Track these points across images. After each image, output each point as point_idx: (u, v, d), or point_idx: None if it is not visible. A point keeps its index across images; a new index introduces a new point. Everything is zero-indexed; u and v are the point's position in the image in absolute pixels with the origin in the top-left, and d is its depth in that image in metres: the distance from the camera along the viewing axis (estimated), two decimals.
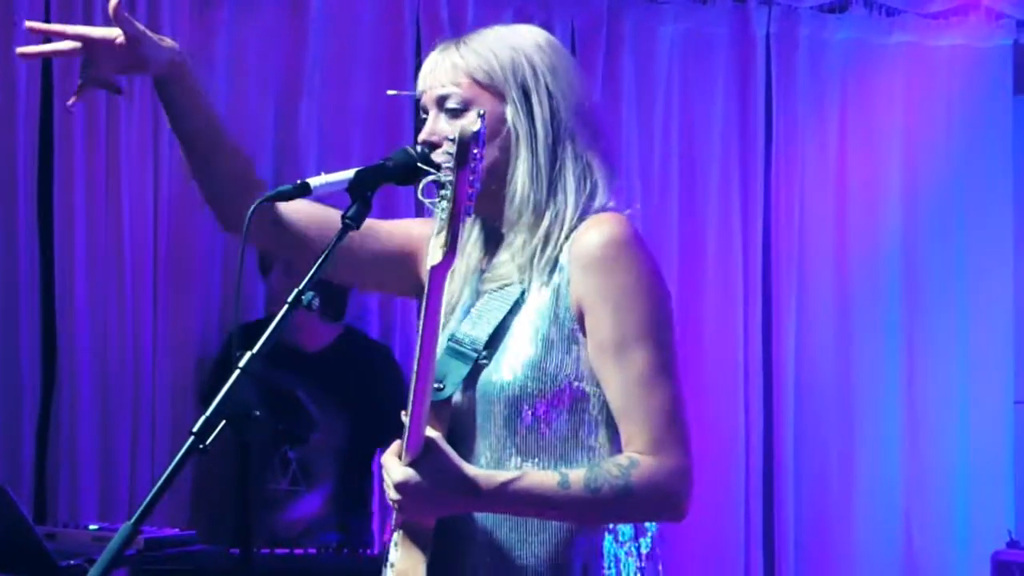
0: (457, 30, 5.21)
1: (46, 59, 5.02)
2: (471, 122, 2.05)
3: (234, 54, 5.25)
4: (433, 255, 2.04)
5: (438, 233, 2.03)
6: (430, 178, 2.14)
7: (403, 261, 2.46)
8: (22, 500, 4.87)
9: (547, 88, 2.31)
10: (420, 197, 2.17)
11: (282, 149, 5.25)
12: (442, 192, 2.05)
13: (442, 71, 2.33)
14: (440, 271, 2.04)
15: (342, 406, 4.80)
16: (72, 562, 3.87)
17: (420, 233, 2.44)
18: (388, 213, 2.26)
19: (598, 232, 2.22)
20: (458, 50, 2.33)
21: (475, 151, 2.02)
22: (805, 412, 5.75)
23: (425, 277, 2.07)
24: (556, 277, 2.25)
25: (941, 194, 5.90)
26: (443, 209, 2.03)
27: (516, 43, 2.34)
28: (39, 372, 5.08)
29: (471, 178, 2.03)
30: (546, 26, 5.45)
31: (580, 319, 2.23)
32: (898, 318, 5.86)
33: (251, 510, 2.19)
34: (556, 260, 2.25)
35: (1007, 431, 5.93)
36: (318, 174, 2.27)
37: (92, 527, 4.19)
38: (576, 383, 2.23)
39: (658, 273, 2.25)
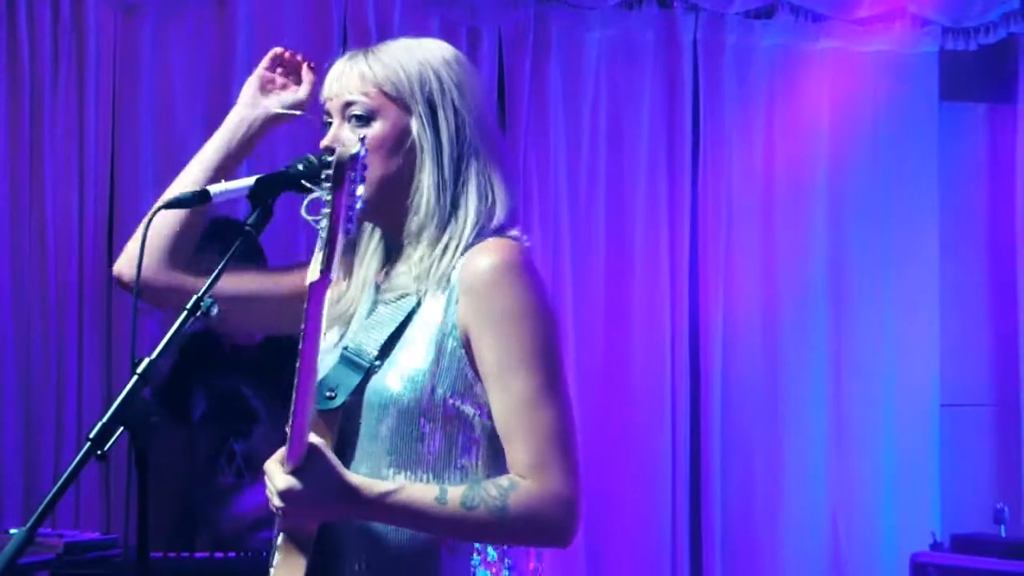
0: (384, 36, 5.20)
1: None
2: (351, 144, 2.09)
3: (159, 61, 5.23)
4: (312, 272, 2.07)
5: (319, 251, 2.06)
6: (314, 195, 2.15)
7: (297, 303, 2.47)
8: None
9: (453, 103, 2.34)
10: (303, 214, 2.18)
11: None
12: (324, 211, 2.08)
13: (349, 79, 2.35)
14: (317, 288, 2.08)
15: (283, 397, 4.79)
16: None
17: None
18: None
19: (485, 258, 2.24)
20: (366, 60, 2.36)
21: (352, 174, 2.06)
22: (732, 416, 5.77)
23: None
24: (446, 294, 2.26)
25: (868, 199, 5.95)
26: (323, 228, 2.07)
27: (424, 57, 2.36)
28: None
29: (349, 200, 2.06)
30: (473, 32, 5.52)
31: (465, 340, 2.24)
32: (824, 322, 5.90)
33: (147, 515, 2.18)
34: (449, 276, 2.27)
35: (933, 434, 5.99)
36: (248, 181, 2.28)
37: (13, 531, 4.18)
38: (454, 401, 2.24)
39: (543, 299, 2.25)
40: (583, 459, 5.63)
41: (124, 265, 2.50)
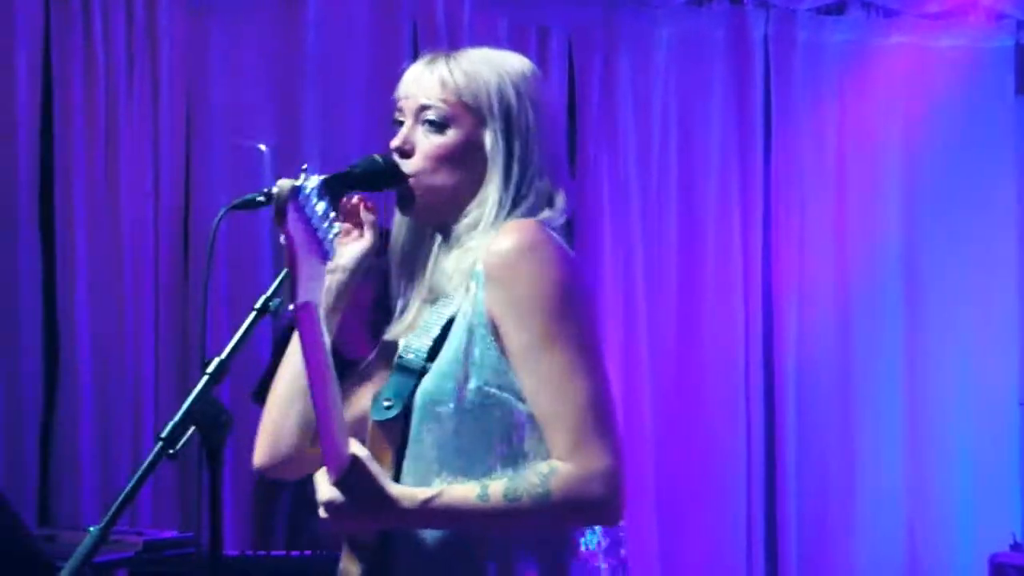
0: (453, 35, 5.24)
1: (46, 63, 5.11)
2: (295, 179, 2.04)
3: (230, 62, 5.28)
4: (287, 300, 2.07)
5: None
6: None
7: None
8: (26, 503, 4.94)
9: (527, 120, 2.31)
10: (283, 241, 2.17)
11: (282, 156, 5.27)
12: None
13: (429, 83, 2.33)
14: (296, 316, 2.06)
15: None
16: None
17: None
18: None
19: (502, 242, 2.22)
20: (447, 65, 2.33)
21: (293, 205, 2.01)
22: (807, 416, 5.74)
23: None
24: (474, 283, 2.26)
25: (943, 196, 5.89)
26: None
27: (504, 70, 2.34)
28: (41, 375, 5.12)
29: (306, 227, 2.03)
30: (542, 31, 5.54)
31: (493, 328, 2.23)
32: (900, 321, 5.85)
33: (220, 513, 2.20)
34: (475, 266, 2.26)
35: (1012, 433, 5.91)
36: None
37: (92, 529, 4.22)
38: (491, 390, 2.23)
39: (564, 274, 2.22)
40: (659, 459, 5.64)
41: (264, 455, 2.42)
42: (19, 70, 5.07)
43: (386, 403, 2.28)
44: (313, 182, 2.06)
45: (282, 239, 2.03)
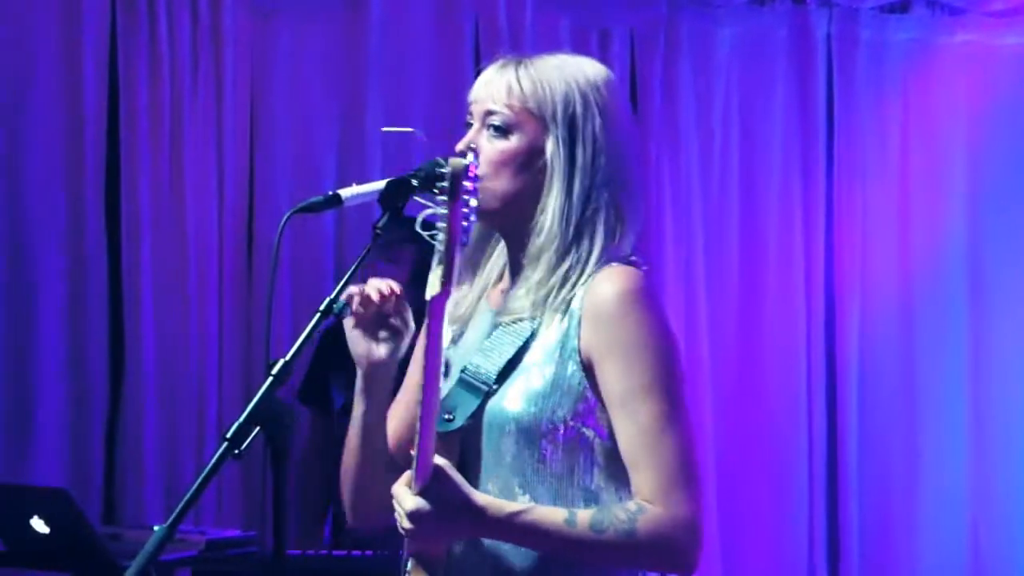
0: (515, 37, 5.25)
1: (112, 65, 5.16)
2: (464, 157, 2.11)
3: (294, 65, 5.31)
4: (432, 287, 2.10)
5: (437, 265, 2.09)
6: (428, 211, 2.15)
7: None
8: (91, 502, 4.99)
9: (594, 130, 2.31)
10: (418, 229, 2.18)
11: (346, 158, 5.30)
12: (439, 224, 2.10)
13: (496, 88, 2.34)
14: (438, 303, 2.10)
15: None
16: None
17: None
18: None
19: (610, 286, 2.24)
20: (516, 71, 2.34)
21: (467, 185, 2.08)
22: (869, 415, 5.71)
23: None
24: (566, 319, 2.27)
25: (1007, 194, 5.84)
26: (440, 241, 2.09)
27: (574, 77, 2.33)
28: (107, 375, 5.17)
29: (465, 211, 2.08)
30: (604, 32, 5.54)
31: (586, 365, 2.25)
32: (964, 320, 5.80)
33: (284, 512, 2.22)
34: (569, 302, 2.27)
35: None
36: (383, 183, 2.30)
37: (156, 527, 4.25)
38: (575, 424, 2.25)
39: (666, 326, 2.27)
40: (720, 458, 5.65)
41: (359, 514, 2.44)
42: (86, 71, 5.12)
43: (447, 416, 2.29)
44: (473, 162, 2.11)
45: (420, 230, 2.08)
